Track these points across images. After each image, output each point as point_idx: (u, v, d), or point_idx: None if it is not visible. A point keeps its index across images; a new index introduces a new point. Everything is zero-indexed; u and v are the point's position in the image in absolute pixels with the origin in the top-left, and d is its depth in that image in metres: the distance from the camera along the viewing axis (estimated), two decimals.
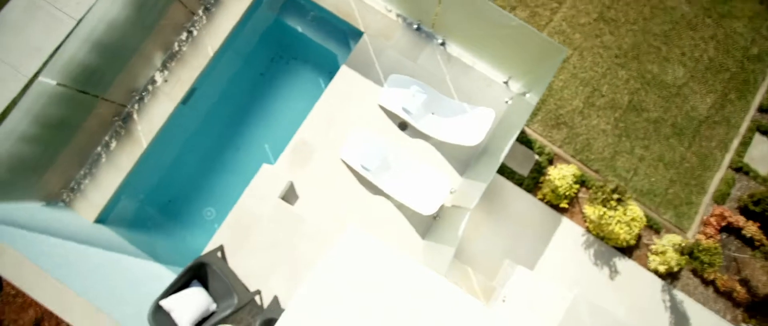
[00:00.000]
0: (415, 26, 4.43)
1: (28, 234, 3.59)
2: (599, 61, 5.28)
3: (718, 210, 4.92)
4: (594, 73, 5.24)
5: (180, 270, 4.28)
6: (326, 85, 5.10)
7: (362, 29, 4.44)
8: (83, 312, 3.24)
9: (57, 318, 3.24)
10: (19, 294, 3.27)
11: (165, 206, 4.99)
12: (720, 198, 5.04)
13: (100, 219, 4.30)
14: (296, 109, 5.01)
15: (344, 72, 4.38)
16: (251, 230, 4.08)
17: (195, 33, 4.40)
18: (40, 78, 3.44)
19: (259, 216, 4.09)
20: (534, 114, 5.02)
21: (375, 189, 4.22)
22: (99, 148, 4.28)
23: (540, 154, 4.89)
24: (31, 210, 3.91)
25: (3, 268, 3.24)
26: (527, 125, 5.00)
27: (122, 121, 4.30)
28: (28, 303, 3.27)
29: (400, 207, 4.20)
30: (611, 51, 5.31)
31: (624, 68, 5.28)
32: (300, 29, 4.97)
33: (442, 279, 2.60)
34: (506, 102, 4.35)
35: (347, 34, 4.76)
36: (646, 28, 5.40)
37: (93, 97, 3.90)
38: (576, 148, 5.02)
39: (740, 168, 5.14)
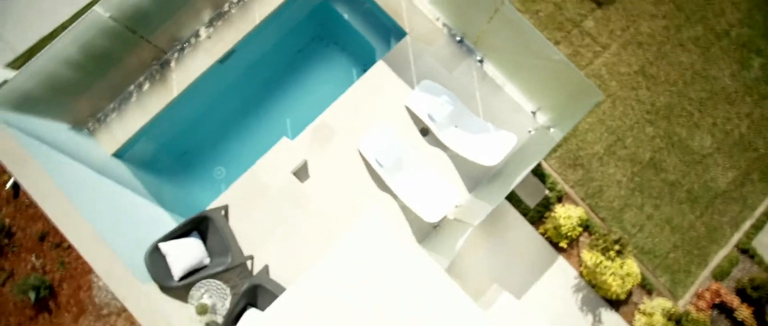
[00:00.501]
0: (459, 38, 4.49)
1: (50, 150, 3.75)
2: (630, 113, 5.27)
3: (714, 285, 4.88)
4: (622, 123, 5.24)
5: (182, 219, 4.42)
6: (358, 75, 5.19)
7: (406, 30, 4.51)
8: (86, 236, 3.37)
9: (61, 235, 3.38)
10: (31, 205, 3.42)
11: (180, 156, 5.13)
12: (719, 274, 5.00)
13: (118, 154, 4.45)
14: (324, 92, 5.10)
15: (380, 66, 4.46)
16: (257, 198, 4.18)
17: None
18: (95, 8, 3.58)
19: (268, 186, 4.19)
20: (554, 149, 5.04)
21: (383, 186, 4.29)
22: (132, 87, 4.42)
23: (551, 189, 4.91)
24: (57, 130, 4.07)
25: (22, 177, 3.38)
26: (545, 159, 5.03)
27: (160, 66, 4.43)
28: (38, 215, 3.41)
29: (404, 209, 4.26)
30: (644, 106, 5.30)
31: (652, 125, 5.27)
32: (346, 16, 5.06)
33: (450, 279, 2.64)
34: (530, 131, 4.38)
35: (390, 32, 4.84)
36: (683, 92, 5.38)
37: (139, 37, 4.04)
38: (587, 192, 5.03)
39: (746, 251, 5.09)
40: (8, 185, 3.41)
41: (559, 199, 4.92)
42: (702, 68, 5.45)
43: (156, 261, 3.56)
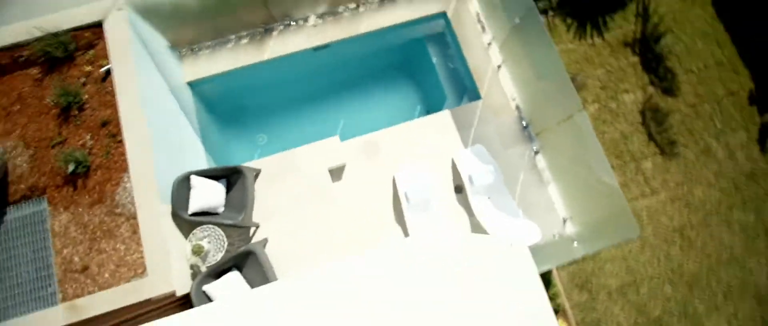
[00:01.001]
0: (525, 124, 4.71)
1: (146, 56, 4.19)
2: (655, 263, 5.20)
3: None
4: (643, 270, 5.16)
5: (212, 162, 4.71)
6: (420, 113, 5.49)
7: (482, 95, 4.80)
8: (139, 138, 3.67)
9: (119, 129, 3.70)
10: (111, 93, 3.79)
11: (236, 109, 5.53)
12: None
13: (192, 85, 4.88)
14: (383, 114, 5.43)
15: (445, 114, 4.73)
16: (286, 177, 4.40)
17: (361, 9, 4.99)
18: None
19: (300, 171, 4.41)
20: (569, 263, 5.01)
21: (400, 220, 4.41)
22: (233, 36, 4.91)
23: (551, 298, 4.83)
24: (159, 43, 4.54)
25: (117, 68, 3.78)
26: (557, 268, 5.00)
27: (264, 31, 4.91)
28: (111, 103, 3.77)
29: None
30: (671, 264, 5.22)
31: (673, 287, 5.15)
32: (434, 60, 5.44)
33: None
34: (554, 235, 4.42)
35: (466, 90, 5.15)
36: (714, 268, 5.27)
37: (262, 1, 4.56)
38: (584, 319, 4.91)
39: None
40: (103, 69, 3.81)
41: (555, 312, 4.82)
42: (741, 255, 5.35)
43: (181, 189, 3.78)
